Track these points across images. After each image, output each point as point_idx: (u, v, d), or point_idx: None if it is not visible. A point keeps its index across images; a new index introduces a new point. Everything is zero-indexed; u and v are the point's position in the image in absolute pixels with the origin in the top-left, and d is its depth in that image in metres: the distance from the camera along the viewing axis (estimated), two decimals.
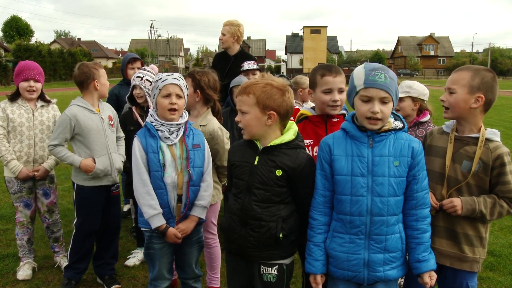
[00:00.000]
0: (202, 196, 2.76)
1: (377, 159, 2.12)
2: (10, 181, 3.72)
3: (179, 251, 2.84)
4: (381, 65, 2.16)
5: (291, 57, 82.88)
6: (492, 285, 3.68)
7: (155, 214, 2.61)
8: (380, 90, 2.07)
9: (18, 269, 3.84)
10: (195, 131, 2.83)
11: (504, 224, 5.13)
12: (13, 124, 3.64)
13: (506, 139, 10.50)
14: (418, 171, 2.15)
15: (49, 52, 47.11)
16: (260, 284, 2.31)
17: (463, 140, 2.32)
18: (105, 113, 3.53)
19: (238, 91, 2.32)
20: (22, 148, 3.67)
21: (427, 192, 2.20)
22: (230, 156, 2.43)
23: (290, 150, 2.28)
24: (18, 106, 3.70)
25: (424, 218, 2.18)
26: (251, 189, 2.26)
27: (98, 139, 3.40)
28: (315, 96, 2.62)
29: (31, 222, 3.88)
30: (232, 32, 5.15)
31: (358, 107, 2.14)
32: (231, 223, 2.34)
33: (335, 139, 2.22)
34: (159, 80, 2.68)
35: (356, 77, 2.15)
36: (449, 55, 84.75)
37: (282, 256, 2.32)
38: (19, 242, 3.87)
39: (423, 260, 2.16)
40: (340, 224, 2.19)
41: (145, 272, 3.85)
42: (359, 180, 2.12)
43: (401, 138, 2.17)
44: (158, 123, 2.66)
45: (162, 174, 2.63)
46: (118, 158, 3.56)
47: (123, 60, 5.06)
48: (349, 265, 2.16)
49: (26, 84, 3.67)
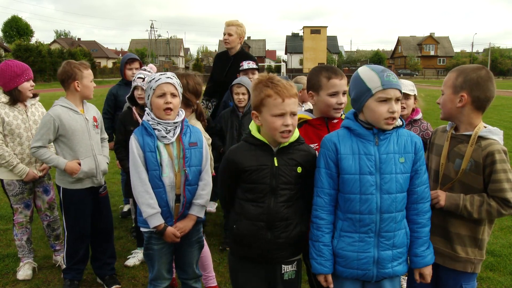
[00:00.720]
0: (200, 195, 2.74)
1: (384, 157, 2.13)
2: (11, 184, 3.68)
3: (179, 251, 2.83)
4: (382, 66, 2.21)
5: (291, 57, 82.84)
6: (492, 285, 3.67)
7: (153, 213, 2.60)
8: (396, 90, 2.11)
9: (18, 269, 3.84)
10: (193, 128, 2.80)
11: (504, 224, 5.13)
12: (10, 127, 3.58)
13: (506, 139, 10.43)
14: (419, 166, 2.19)
15: (49, 52, 47.05)
16: (282, 284, 2.32)
17: (458, 138, 2.34)
18: (90, 114, 3.48)
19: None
20: (23, 150, 3.65)
21: (427, 186, 2.22)
22: (241, 161, 2.25)
23: (301, 146, 2.32)
24: (10, 108, 3.61)
25: (424, 212, 2.21)
26: (276, 191, 2.24)
27: (82, 140, 3.35)
28: (318, 99, 2.58)
29: (30, 222, 3.89)
30: (239, 33, 5.15)
31: (374, 109, 2.11)
32: (254, 229, 2.25)
33: (340, 138, 2.21)
34: (153, 80, 2.66)
35: (368, 80, 2.13)
36: (449, 55, 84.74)
37: (299, 251, 2.37)
38: (18, 243, 3.87)
39: (420, 256, 2.20)
40: (348, 223, 2.18)
41: (145, 272, 3.85)
42: (368, 178, 2.13)
43: (403, 135, 2.20)
44: (155, 121, 2.64)
45: (160, 173, 2.62)
46: (103, 160, 3.52)
47: (122, 61, 5.07)
48: (358, 264, 2.17)
49: (28, 84, 3.66)
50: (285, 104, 2.16)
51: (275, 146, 2.26)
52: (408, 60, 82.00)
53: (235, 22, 5.18)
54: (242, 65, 4.97)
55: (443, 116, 2.40)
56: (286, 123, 2.16)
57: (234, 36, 5.13)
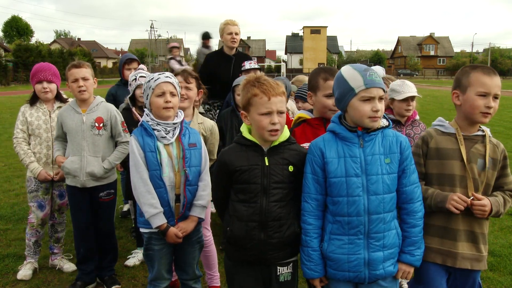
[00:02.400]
0: (200, 195, 2.74)
1: (369, 158, 2.14)
2: (29, 180, 3.79)
3: (180, 251, 2.83)
4: (364, 65, 2.23)
5: (291, 57, 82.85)
6: (492, 285, 3.67)
7: (156, 213, 2.59)
8: (379, 89, 2.12)
9: (20, 267, 3.85)
10: (191, 130, 2.81)
11: (504, 224, 5.13)
12: (31, 127, 3.74)
13: (506, 139, 10.50)
14: (406, 166, 2.19)
15: (49, 52, 47.12)
16: (278, 286, 2.32)
17: (471, 139, 2.35)
18: (93, 114, 3.44)
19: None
20: (41, 150, 3.75)
21: (417, 186, 2.22)
22: (232, 162, 2.28)
23: (292, 145, 2.33)
24: (36, 109, 3.78)
25: (414, 212, 2.20)
26: (268, 190, 2.24)
27: (74, 139, 3.40)
28: (316, 99, 2.61)
29: (41, 225, 3.87)
30: (240, 32, 5.34)
31: (358, 108, 2.13)
32: (248, 230, 2.25)
33: (326, 142, 2.22)
34: (151, 80, 2.66)
35: (351, 79, 2.14)
36: (449, 55, 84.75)
37: (295, 252, 2.35)
38: (27, 242, 3.90)
39: (407, 253, 2.22)
40: (338, 226, 2.19)
41: (145, 272, 3.85)
42: (354, 180, 2.13)
43: (388, 135, 2.21)
44: (154, 122, 2.65)
45: (161, 173, 2.62)
46: (95, 162, 3.39)
47: (120, 61, 5.08)
48: (349, 266, 2.17)
49: (40, 86, 3.74)
50: (271, 103, 2.19)
51: (265, 146, 2.28)
52: (408, 60, 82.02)
53: (235, 21, 5.29)
54: (244, 65, 4.97)
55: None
56: (273, 121, 2.19)
57: (239, 35, 5.31)
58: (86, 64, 3.52)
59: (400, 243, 2.22)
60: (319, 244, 2.24)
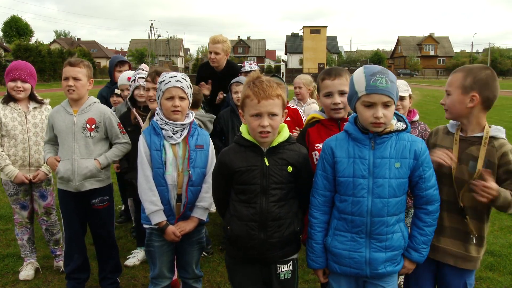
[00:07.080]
0: (203, 197, 2.76)
1: (378, 161, 2.14)
2: (6, 184, 3.69)
3: (180, 250, 2.85)
4: (381, 68, 2.15)
5: (291, 57, 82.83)
6: (492, 285, 3.68)
7: (156, 210, 2.65)
8: (382, 95, 2.08)
9: (21, 269, 3.84)
10: (201, 131, 2.84)
11: (504, 224, 5.14)
12: (6, 128, 3.57)
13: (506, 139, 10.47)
14: (423, 171, 2.17)
15: (49, 52, 47.09)
16: (278, 284, 2.35)
17: (468, 140, 2.32)
18: (85, 115, 3.27)
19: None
20: (17, 152, 3.61)
21: (436, 189, 2.22)
22: (232, 163, 2.28)
23: (292, 145, 2.34)
24: (10, 110, 3.61)
25: (433, 212, 2.22)
26: (267, 191, 2.25)
27: (65, 141, 3.24)
28: (320, 101, 2.66)
29: (30, 222, 3.87)
30: (225, 50, 4.85)
31: (360, 112, 2.15)
32: (248, 230, 2.27)
33: (338, 142, 2.25)
34: (162, 83, 2.70)
35: (356, 82, 2.14)
36: (449, 55, 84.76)
37: (294, 251, 2.39)
38: (20, 242, 3.87)
39: (417, 251, 2.23)
40: (342, 222, 2.23)
41: (145, 272, 3.85)
42: (360, 181, 2.15)
43: (403, 139, 2.17)
44: (163, 121, 2.70)
45: (164, 172, 2.66)
46: (88, 164, 3.23)
47: (111, 63, 5.01)
48: (351, 262, 2.21)
49: (13, 84, 3.58)
50: (260, 106, 2.19)
51: (264, 146, 2.29)
52: (408, 60, 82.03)
53: (220, 38, 4.84)
54: (244, 66, 4.96)
55: (450, 116, 2.37)
56: (262, 124, 2.20)
57: (221, 54, 4.82)
58: (83, 64, 3.28)
59: (405, 245, 2.24)
60: (323, 238, 2.30)
